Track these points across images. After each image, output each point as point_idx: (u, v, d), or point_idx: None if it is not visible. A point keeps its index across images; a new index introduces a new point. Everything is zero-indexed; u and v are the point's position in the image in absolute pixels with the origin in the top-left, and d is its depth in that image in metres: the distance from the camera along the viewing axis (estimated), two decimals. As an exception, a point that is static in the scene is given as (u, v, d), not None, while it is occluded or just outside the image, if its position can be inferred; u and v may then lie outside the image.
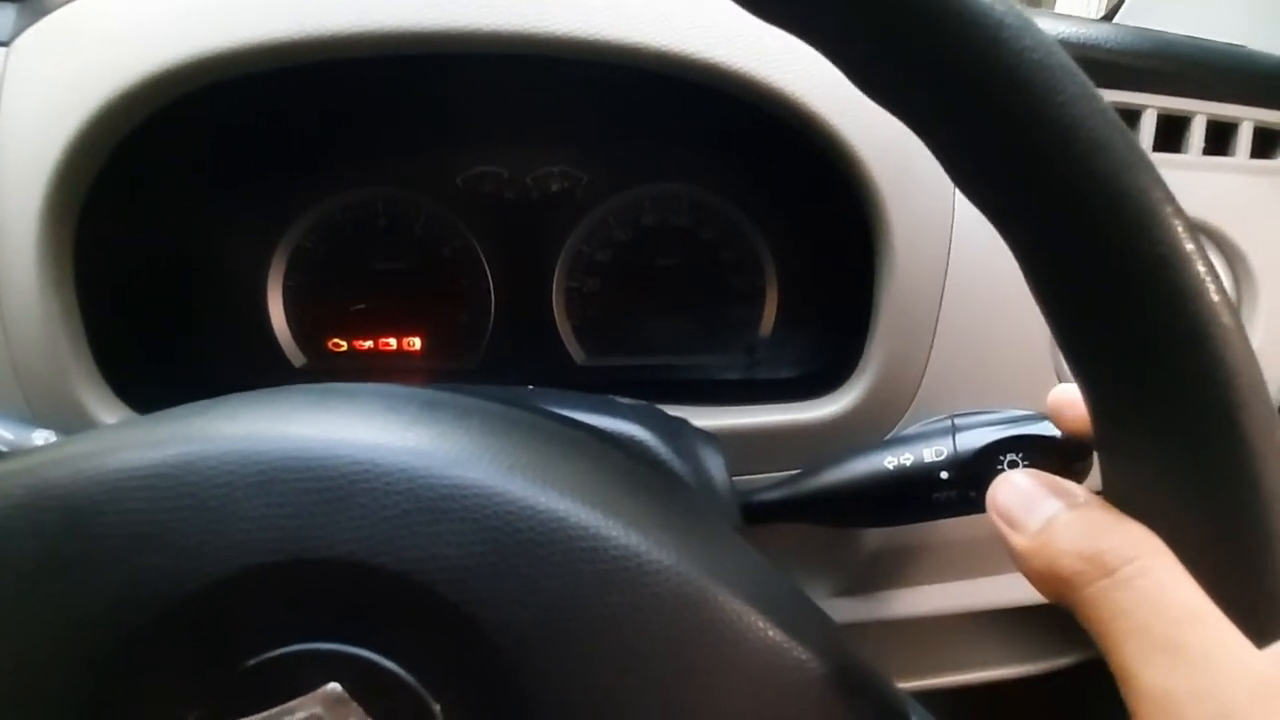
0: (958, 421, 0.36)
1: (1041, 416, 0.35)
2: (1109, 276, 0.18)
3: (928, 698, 0.26)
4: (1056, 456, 0.34)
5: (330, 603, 0.20)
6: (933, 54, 0.18)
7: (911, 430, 0.37)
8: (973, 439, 0.35)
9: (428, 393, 0.25)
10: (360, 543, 0.19)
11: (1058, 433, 0.34)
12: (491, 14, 0.42)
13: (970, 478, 0.35)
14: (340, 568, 0.19)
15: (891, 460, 0.36)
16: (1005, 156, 0.19)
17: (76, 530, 0.19)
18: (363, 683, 0.19)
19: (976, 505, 0.36)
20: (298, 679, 0.19)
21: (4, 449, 0.35)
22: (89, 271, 0.44)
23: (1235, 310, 0.18)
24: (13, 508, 0.20)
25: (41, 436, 0.36)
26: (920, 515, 0.36)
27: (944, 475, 0.35)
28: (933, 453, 0.36)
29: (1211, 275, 0.18)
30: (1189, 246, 0.18)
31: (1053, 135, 0.18)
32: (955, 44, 0.18)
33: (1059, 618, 0.54)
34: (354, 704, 0.19)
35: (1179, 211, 0.18)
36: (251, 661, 0.19)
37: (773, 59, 0.44)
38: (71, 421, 0.43)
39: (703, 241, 0.62)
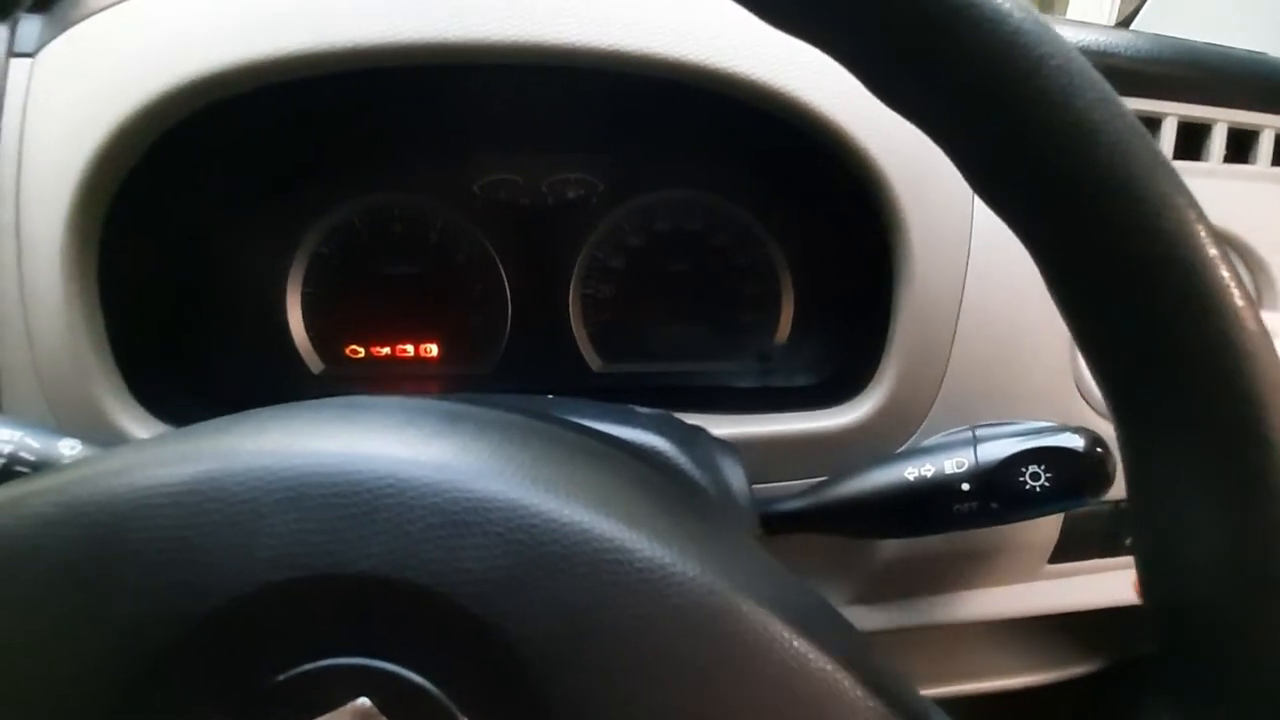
0: (979, 433, 0.36)
1: (1064, 428, 0.35)
2: (1131, 283, 0.18)
3: (944, 706, 0.26)
4: (1079, 468, 0.34)
5: (357, 617, 0.20)
6: (948, 61, 0.18)
7: (932, 441, 0.37)
8: (994, 450, 0.35)
9: (450, 405, 0.25)
10: (385, 557, 0.19)
11: (1081, 445, 0.34)
12: (509, 25, 0.43)
13: (992, 490, 0.35)
14: (366, 582, 0.19)
15: (912, 471, 0.36)
16: (1024, 162, 0.19)
17: (105, 546, 0.19)
18: (391, 697, 0.20)
19: (997, 517, 0.36)
20: (326, 694, 0.19)
21: (31, 458, 0.35)
22: (112, 280, 0.45)
23: (1260, 316, 0.18)
24: (43, 524, 0.20)
25: (68, 446, 0.36)
26: (941, 527, 0.36)
27: (965, 487, 0.35)
28: (954, 464, 0.35)
29: (1236, 281, 0.18)
30: (1212, 252, 0.18)
31: (1072, 140, 0.18)
32: (971, 50, 0.18)
33: (1076, 627, 0.53)
34: (382, 718, 0.19)
35: (1202, 217, 0.18)
36: (280, 677, 0.19)
37: (789, 67, 0.44)
38: (95, 429, 0.43)
39: (717, 248, 0.63)
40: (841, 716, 0.21)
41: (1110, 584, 0.54)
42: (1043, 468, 0.34)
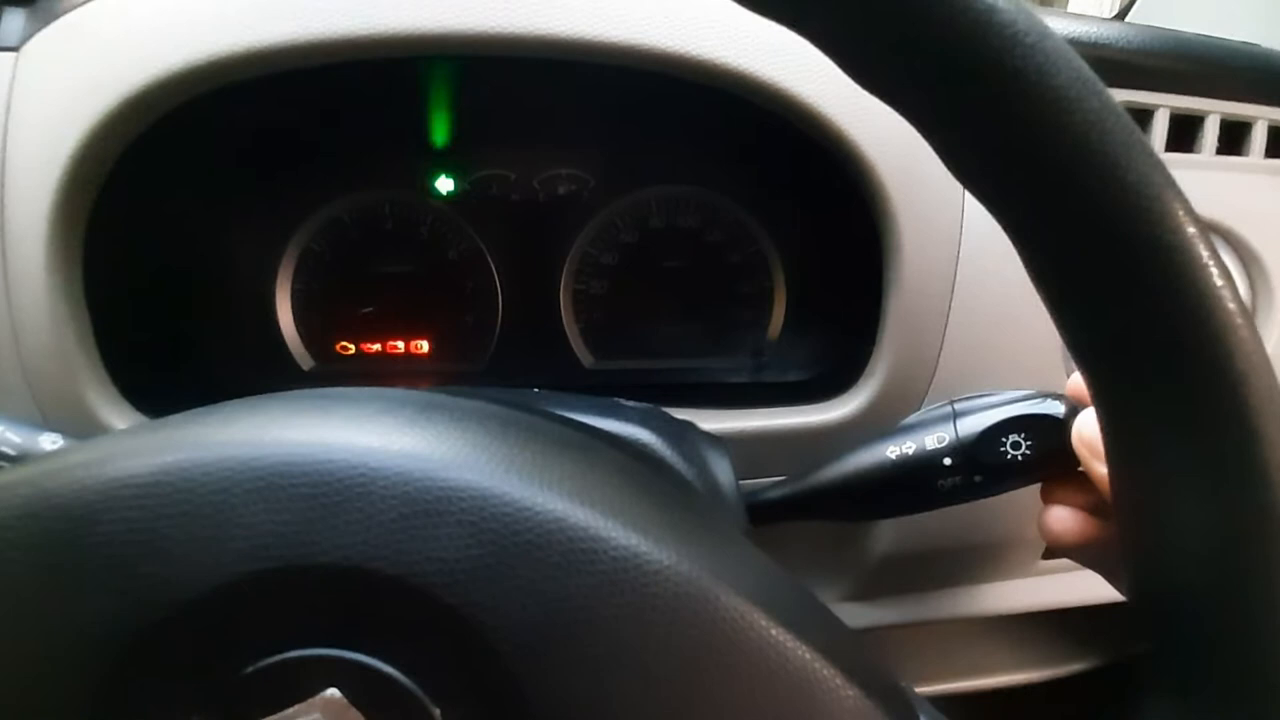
0: (958, 407, 0.36)
1: (1042, 395, 0.35)
2: (1107, 263, 0.18)
3: (938, 703, 0.26)
4: (1059, 435, 0.33)
5: (328, 608, 0.20)
6: (921, 40, 0.18)
7: (913, 419, 0.37)
8: (974, 423, 0.35)
9: (425, 395, 0.25)
10: (356, 547, 0.19)
11: (1060, 411, 0.34)
12: (498, 16, 0.42)
13: (974, 462, 0.35)
14: (337, 572, 0.19)
15: (894, 450, 0.36)
16: (999, 143, 0.19)
17: (74, 539, 0.19)
18: (362, 688, 0.19)
19: (981, 490, 0.35)
20: (297, 685, 0.19)
21: (12, 452, 0.35)
22: (98, 275, 0.44)
23: (1239, 295, 0.18)
24: (12, 518, 0.19)
25: (49, 440, 0.36)
26: (926, 504, 0.36)
27: (947, 462, 0.35)
28: (935, 440, 0.35)
29: (1215, 260, 0.18)
30: (1191, 230, 0.18)
31: (1047, 119, 0.18)
32: (944, 29, 0.18)
33: (1070, 624, 0.53)
34: (354, 709, 0.19)
35: (1179, 195, 0.18)
36: (250, 668, 0.19)
37: (781, 61, 0.44)
38: (80, 425, 0.43)
39: (710, 244, 0.62)
40: (821, 706, 0.20)
41: (1104, 580, 0.54)
42: (1023, 436, 0.34)
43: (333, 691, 0.19)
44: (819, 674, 0.20)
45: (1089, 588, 0.54)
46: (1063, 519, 0.34)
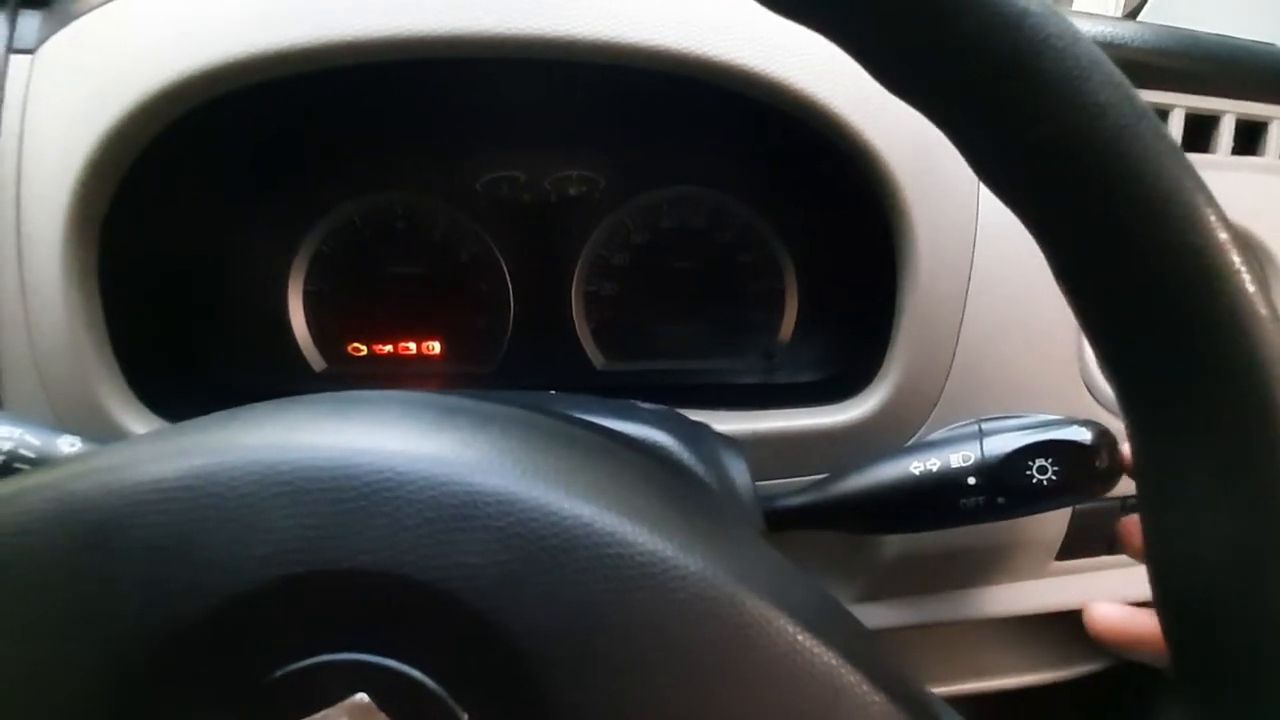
0: (985, 426, 0.36)
1: (1070, 422, 0.35)
2: (1136, 269, 0.18)
3: (952, 704, 0.26)
4: (1086, 463, 0.33)
5: (355, 613, 0.20)
6: (953, 44, 0.18)
7: (938, 435, 0.37)
8: (1001, 444, 0.35)
9: (448, 399, 0.25)
10: (383, 552, 0.19)
11: (1088, 438, 0.34)
12: (511, 18, 0.42)
13: (998, 484, 0.34)
14: (364, 577, 0.19)
15: (918, 466, 0.36)
16: (1029, 146, 0.18)
17: (101, 544, 0.19)
18: (390, 692, 0.19)
19: (1004, 512, 0.35)
20: (324, 690, 0.19)
21: (31, 455, 0.35)
22: (113, 278, 0.44)
23: (1271, 301, 0.18)
24: (39, 522, 0.19)
25: (67, 442, 0.36)
26: (947, 522, 0.36)
27: (971, 481, 0.35)
28: (959, 458, 0.35)
29: (1247, 266, 0.18)
30: (1223, 237, 0.17)
31: (1078, 124, 0.17)
32: (976, 33, 0.18)
33: (1084, 625, 0.53)
34: (381, 714, 0.19)
35: (1211, 201, 0.18)
36: (277, 673, 0.19)
37: (795, 61, 0.44)
38: (95, 427, 0.43)
39: (721, 245, 0.62)
40: (847, 712, 0.20)
41: (1119, 581, 0.54)
42: (1050, 461, 0.34)
43: (360, 696, 0.19)
44: (845, 679, 0.20)
45: (1103, 589, 0.54)
46: (1109, 616, 0.34)
